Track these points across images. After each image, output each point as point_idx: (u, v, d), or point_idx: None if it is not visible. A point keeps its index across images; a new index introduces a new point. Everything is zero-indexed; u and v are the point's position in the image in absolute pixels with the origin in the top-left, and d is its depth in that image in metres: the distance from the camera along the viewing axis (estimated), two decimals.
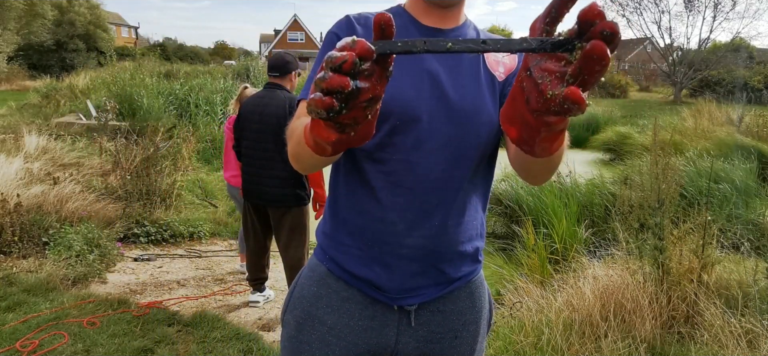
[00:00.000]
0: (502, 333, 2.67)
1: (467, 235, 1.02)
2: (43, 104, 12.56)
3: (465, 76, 0.96)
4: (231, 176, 3.56)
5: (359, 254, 1.00)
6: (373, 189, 0.97)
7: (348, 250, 1.01)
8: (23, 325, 2.83)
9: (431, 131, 0.93)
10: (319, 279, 1.05)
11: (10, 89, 19.69)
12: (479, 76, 0.97)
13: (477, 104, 0.95)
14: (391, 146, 0.94)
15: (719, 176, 5.17)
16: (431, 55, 0.93)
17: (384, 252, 0.98)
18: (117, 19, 46.91)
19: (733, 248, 3.46)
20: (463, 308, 1.06)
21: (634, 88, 30.58)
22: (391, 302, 1.00)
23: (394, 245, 0.97)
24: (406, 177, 0.95)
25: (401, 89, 0.92)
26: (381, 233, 0.97)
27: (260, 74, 15.88)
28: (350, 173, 1.00)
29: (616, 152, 9.43)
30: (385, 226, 0.97)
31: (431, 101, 0.93)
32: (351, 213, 1.00)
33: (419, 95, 0.93)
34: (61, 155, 6.34)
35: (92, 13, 28.79)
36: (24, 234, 3.87)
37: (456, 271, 1.02)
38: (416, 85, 0.93)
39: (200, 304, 3.38)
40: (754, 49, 29.33)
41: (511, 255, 4.11)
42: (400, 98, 0.92)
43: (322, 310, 1.03)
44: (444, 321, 1.04)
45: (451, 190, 0.97)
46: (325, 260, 1.05)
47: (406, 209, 0.96)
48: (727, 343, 2.33)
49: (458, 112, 0.94)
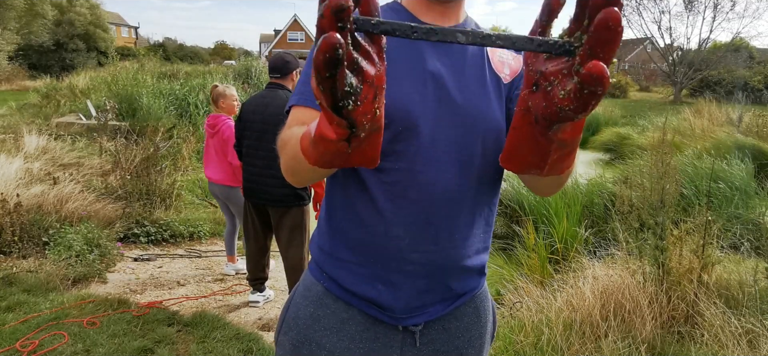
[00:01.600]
0: (502, 333, 2.66)
1: (474, 248, 0.97)
2: (43, 104, 12.55)
3: (469, 77, 0.91)
4: (213, 172, 3.56)
5: (360, 270, 0.93)
6: (374, 201, 0.90)
7: (347, 267, 0.95)
8: (23, 325, 2.83)
9: (436, 137, 0.88)
10: (316, 299, 0.98)
11: (10, 89, 19.69)
12: (484, 77, 0.92)
13: (483, 108, 0.90)
14: (394, 155, 0.87)
15: (719, 175, 5.17)
16: (435, 57, 0.89)
17: (388, 269, 0.92)
18: (117, 19, 46.91)
19: (733, 248, 3.46)
20: (468, 324, 1.01)
21: (634, 88, 30.58)
22: (395, 322, 0.94)
23: (398, 261, 0.91)
24: (410, 188, 0.88)
25: (403, 92, 0.86)
26: (384, 249, 0.91)
27: (260, 74, 15.86)
28: (348, 183, 0.93)
29: (616, 152, 9.44)
30: (388, 240, 0.90)
31: (435, 104, 0.88)
32: (350, 227, 0.93)
33: (423, 99, 0.87)
34: (61, 155, 6.34)
35: (92, 13, 28.79)
36: (24, 234, 3.87)
37: (462, 286, 0.98)
38: (419, 88, 0.88)
39: (200, 304, 3.38)
40: (754, 49, 29.33)
41: (511, 255, 4.11)
42: (401, 102, 0.85)
43: (320, 333, 0.96)
44: (449, 340, 0.99)
45: (459, 201, 0.91)
46: (323, 279, 0.98)
47: (412, 222, 0.89)
48: (727, 343, 2.33)
49: (464, 115, 0.89)
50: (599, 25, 0.43)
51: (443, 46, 0.90)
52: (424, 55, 0.89)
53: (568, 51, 0.48)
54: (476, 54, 0.93)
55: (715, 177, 5.05)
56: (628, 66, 37.24)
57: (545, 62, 0.51)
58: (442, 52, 0.90)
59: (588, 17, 0.45)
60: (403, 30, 0.47)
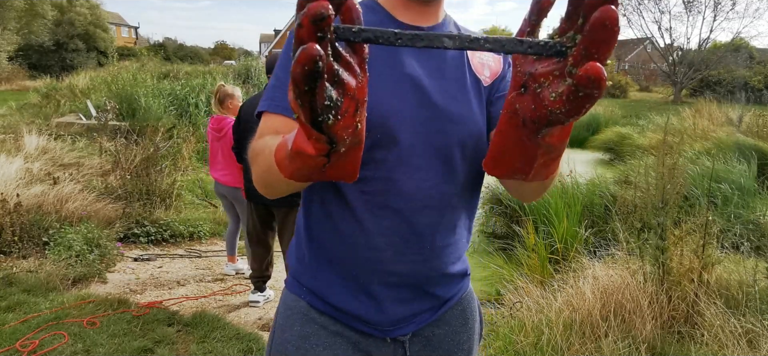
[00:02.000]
0: (502, 333, 2.66)
1: (457, 254, 0.95)
2: (43, 104, 12.55)
3: (449, 80, 0.88)
4: (221, 174, 3.55)
5: (342, 284, 0.90)
6: (353, 212, 0.87)
7: (328, 280, 0.91)
8: (23, 325, 2.83)
9: (416, 143, 0.84)
10: (302, 316, 0.93)
11: (10, 89, 19.67)
12: (464, 80, 0.89)
13: (463, 112, 0.87)
14: (373, 164, 0.83)
15: (719, 175, 5.17)
16: (413, 59, 0.86)
17: (371, 282, 0.89)
18: (117, 19, 46.92)
19: (733, 248, 3.46)
20: (456, 328, 1.00)
21: (634, 88, 30.59)
22: (383, 335, 0.92)
23: (381, 274, 0.88)
24: (390, 197, 0.85)
25: (381, 98, 0.82)
26: (366, 262, 0.88)
27: (260, 74, 15.86)
28: (326, 194, 0.89)
29: (616, 152, 9.43)
30: (371, 253, 0.87)
31: (415, 109, 0.84)
32: (330, 240, 0.90)
33: (402, 104, 0.84)
34: (61, 155, 6.34)
35: (92, 13, 28.77)
36: (24, 234, 3.87)
37: (447, 292, 0.97)
38: (398, 93, 0.84)
39: (200, 304, 3.38)
40: (754, 49, 29.33)
41: (511, 255, 4.11)
42: (380, 109, 0.81)
43: (312, 351, 0.92)
44: (439, 345, 0.98)
45: (441, 208, 0.88)
46: (304, 294, 0.94)
47: (393, 232, 0.86)
48: (727, 343, 2.32)
49: (444, 120, 0.85)
50: (595, 24, 0.41)
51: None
52: (402, 57, 0.86)
53: (560, 52, 0.46)
54: (456, 55, 0.90)
55: (716, 177, 5.05)
56: (628, 66, 37.24)
57: (534, 63, 0.49)
58: (421, 53, 0.87)
59: (582, 16, 0.43)
60: (386, 37, 0.45)
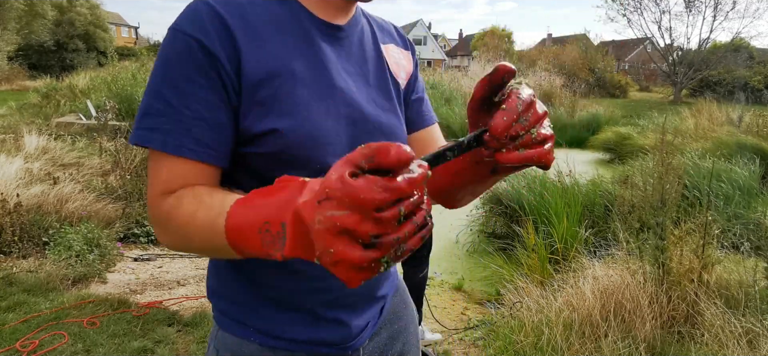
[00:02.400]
0: (502, 333, 2.67)
1: None
2: (43, 104, 12.55)
3: (375, 88, 0.85)
4: None
5: (296, 316, 0.84)
6: None
7: (280, 316, 0.84)
8: (23, 325, 2.83)
9: None
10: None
11: (10, 89, 19.68)
12: (388, 86, 0.88)
13: (393, 122, 0.85)
14: None
15: (720, 175, 5.17)
16: (339, 64, 0.82)
17: (327, 308, 0.85)
18: (117, 19, 46.94)
19: (734, 248, 3.46)
20: (399, 312, 1.02)
21: (634, 88, 30.60)
22: (343, 352, 0.90)
23: (338, 297, 0.85)
24: None
25: (315, 121, 0.75)
26: (318, 291, 0.83)
27: None
28: None
29: (616, 152, 9.43)
30: (324, 282, 0.82)
31: (348, 127, 0.79)
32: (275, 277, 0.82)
33: (336, 124, 0.78)
34: (61, 155, 6.33)
35: (92, 13, 28.78)
36: (24, 234, 3.87)
37: (390, 287, 1.00)
38: (331, 110, 0.77)
39: (200, 304, 3.37)
40: (754, 49, 29.31)
41: (511, 255, 4.11)
42: (316, 134, 0.75)
43: None
44: (389, 334, 0.99)
45: None
46: (252, 334, 0.85)
47: None
48: (727, 343, 2.32)
49: (377, 134, 0.81)
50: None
51: (343, 48, 0.83)
52: (328, 66, 0.79)
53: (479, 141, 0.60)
54: (374, 57, 0.88)
55: (716, 177, 5.04)
56: (628, 66, 37.24)
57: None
58: (345, 58, 0.83)
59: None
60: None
